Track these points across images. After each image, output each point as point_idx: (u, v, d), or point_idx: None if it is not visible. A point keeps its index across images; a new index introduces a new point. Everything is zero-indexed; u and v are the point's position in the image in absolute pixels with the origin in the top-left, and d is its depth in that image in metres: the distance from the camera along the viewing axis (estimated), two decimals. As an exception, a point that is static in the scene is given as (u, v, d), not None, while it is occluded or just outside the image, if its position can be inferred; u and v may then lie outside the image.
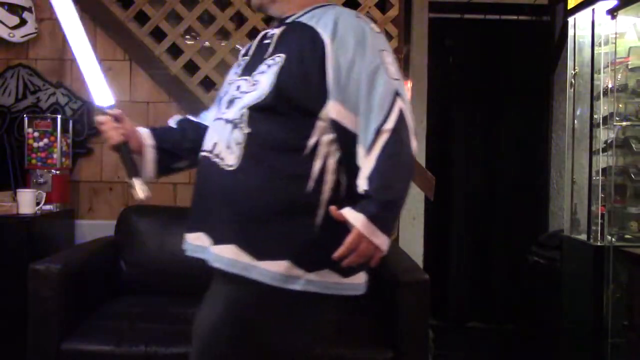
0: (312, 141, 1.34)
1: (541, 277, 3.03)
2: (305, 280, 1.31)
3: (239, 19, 3.18)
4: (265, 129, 1.35)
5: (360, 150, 1.32)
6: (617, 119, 2.51)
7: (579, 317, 2.57)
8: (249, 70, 1.46)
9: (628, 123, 2.56)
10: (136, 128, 1.57)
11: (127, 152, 1.52)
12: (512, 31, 3.74)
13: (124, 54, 3.10)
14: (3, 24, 2.97)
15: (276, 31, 1.46)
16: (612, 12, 2.43)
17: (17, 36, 3.01)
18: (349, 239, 1.26)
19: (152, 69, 3.09)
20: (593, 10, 2.53)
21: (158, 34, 3.11)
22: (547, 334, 2.98)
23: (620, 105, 2.57)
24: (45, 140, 2.86)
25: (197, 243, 1.45)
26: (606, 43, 2.53)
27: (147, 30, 3.09)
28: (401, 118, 1.30)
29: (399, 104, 1.31)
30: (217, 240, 1.38)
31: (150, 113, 3.11)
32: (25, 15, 3.01)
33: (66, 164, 2.95)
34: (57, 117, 2.88)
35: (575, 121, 2.79)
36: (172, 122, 1.64)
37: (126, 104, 3.11)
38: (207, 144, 1.44)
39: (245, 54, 1.56)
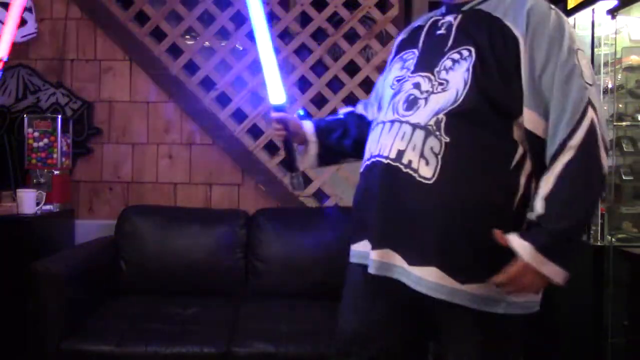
0: (519, 151, 1.23)
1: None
2: (506, 303, 1.23)
3: (239, 19, 3.18)
4: (467, 138, 1.22)
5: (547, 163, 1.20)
6: (611, 119, 2.51)
7: (579, 317, 2.57)
8: (426, 66, 1.32)
9: (628, 123, 2.55)
10: (300, 123, 1.58)
11: (291, 148, 1.59)
12: (512, 31, 3.74)
13: (124, 54, 3.10)
14: (3, 23, 2.97)
15: (451, 20, 1.32)
16: (612, 12, 2.42)
17: (17, 36, 3.01)
18: (512, 269, 1.17)
19: (152, 69, 3.09)
20: (593, 10, 2.53)
21: (158, 34, 3.11)
22: (547, 334, 2.98)
23: (620, 105, 2.57)
24: (45, 140, 2.86)
25: (385, 260, 1.30)
26: (606, 43, 2.53)
27: (147, 30, 3.09)
28: (591, 132, 1.16)
29: (590, 115, 1.17)
30: (414, 261, 1.25)
31: (150, 113, 3.11)
32: (25, 15, 3.01)
33: (66, 164, 2.95)
34: (57, 117, 2.88)
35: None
36: (341, 113, 1.63)
37: (126, 104, 3.11)
38: (385, 149, 1.30)
39: (406, 46, 1.42)
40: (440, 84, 1.27)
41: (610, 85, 2.50)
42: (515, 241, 1.18)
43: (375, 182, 1.31)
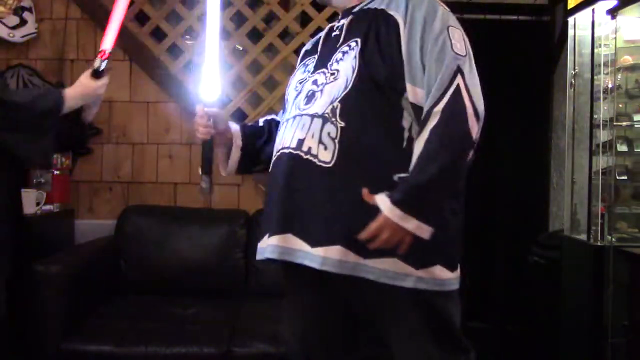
0: (405, 123, 1.30)
1: (541, 277, 3.03)
2: (415, 278, 1.27)
3: (239, 19, 3.18)
4: (360, 120, 1.30)
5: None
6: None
7: (579, 317, 2.57)
8: (322, 64, 1.42)
9: (628, 123, 2.56)
10: (230, 126, 1.58)
11: (209, 149, 1.58)
12: (512, 31, 3.73)
13: (124, 54, 3.10)
14: (3, 24, 2.97)
15: (344, 21, 1.43)
16: (612, 12, 2.42)
17: (17, 36, 3.01)
18: (374, 223, 1.22)
19: (152, 69, 3.09)
20: (593, 10, 2.53)
21: (158, 34, 3.11)
22: (547, 334, 2.98)
23: (620, 105, 2.57)
24: (45, 140, 2.86)
25: (286, 245, 1.34)
26: (606, 43, 2.53)
27: (147, 30, 3.09)
28: (456, 96, 1.24)
29: (457, 81, 1.25)
30: (317, 242, 1.29)
31: (150, 113, 3.11)
32: (25, 15, 3.01)
33: (66, 164, 2.95)
34: (57, 117, 2.87)
35: (575, 121, 2.79)
36: (261, 122, 1.64)
37: (126, 104, 3.11)
38: (287, 140, 1.37)
39: (309, 54, 1.52)
40: (332, 74, 1.36)
41: (610, 86, 2.50)
42: (379, 197, 1.23)
43: (279, 173, 1.37)
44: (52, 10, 3.11)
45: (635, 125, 2.56)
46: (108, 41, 1.75)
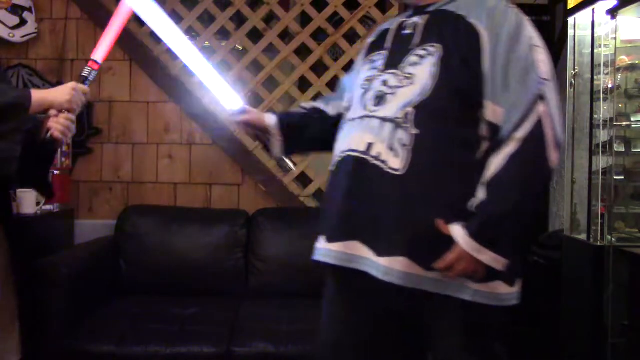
0: (480, 137, 1.27)
1: (541, 277, 3.03)
2: (474, 291, 1.26)
3: (239, 19, 3.18)
4: (436, 130, 1.26)
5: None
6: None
7: (579, 317, 2.57)
8: (393, 63, 1.36)
9: (627, 123, 2.56)
10: (263, 118, 1.58)
11: (262, 141, 1.64)
12: (512, 31, 3.74)
13: (124, 54, 3.10)
14: (3, 24, 2.97)
15: (418, 20, 1.37)
16: (612, 12, 2.42)
17: (17, 36, 3.01)
18: (450, 255, 1.21)
19: (152, 69, 3.09)
20: (593, 10, 2.53)
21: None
22: (547, 334, 2.98)
23: (620, 106, 2.57)
24: (45, 140, 2.86)
25: (350, 252, 1.32)
26: (606, 43, 2.53)
27: (147, 30, 3.09)
28: (538, 126, 1.20)
29: (539, 109, 1.21)
30: (382, 251, 1.27)
31: (150, 113, 3.11)
32: (25, 15, 3.01)
33: (66, 164, 2.95)
34: (57, 117, 2.87)
35: (575, 121, 2.79)
36: (300, 109, 1.64)
37: (126, 104, 3.11)
38: (354, 143, 1.33)
39: (375, 49, 1.46)
40: (407, 77, 1.31)
41: (610, 86, 2.50)
42: (454, 229, 1.22)
43: (344, 176, 1.33)
44: (52, 10, 3.11)
45: (635, 126, 2.56)
46: (101, 53, 1.66)
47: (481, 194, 1.23)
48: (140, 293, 2.67)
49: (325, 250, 1.37)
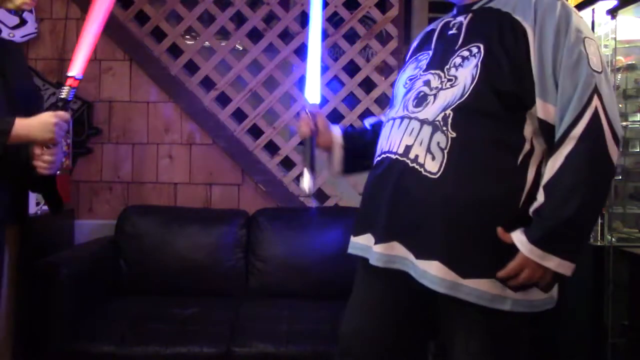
0: (527, 144, 1.23)
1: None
2: (512, 300, 1.22)
3: (239, 19, 3.18)
4: (474, 133, 1.23)
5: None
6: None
7: (579, 317, 2.57)
8: (436, 64, 1.34)
9: (627, 123, 2.56)
10: (330, 127, 1.58)
11: (310, 146, 1.55)
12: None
13: (124, 54, 3.10)
14: (3, 24, 2.97)
15: (462, 19, 1.35)
16: (612, 12, 2.42)
17: (17, 36, 3.01)
18: (512, 263, 1.19)
19: (152, 69, 3.09)
20: (593, 10, 2.52)
21: (158, 34, 3.11)
22: (547, 334, 2.98)
23: (621, 106, 2.57)
24: (45, 140, 2.86)
25: (392, 253, 1.30)
26: (606, 43, 2.53)
27: (147, 30, 3.09)
28: (595, 121, 1.16)
29: (594, 103, 1.16)
30: (419, 254, 1.26)
31: (150, 113, 3.11)
32: (25, 15, 3.01)
33: (66, 164, 2.95)
34: (57, 117, 2.87)
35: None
36: (367, 124, 1.62)
37: (126, 104, 3.11)
38: (394, 144, 1.32)
39: (421, 49, 1.44)
40: (449, 80, 1.28)
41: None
42: (516, 236, 1.19)
43: (383, 177, 1.33)
44: (52, 10, 3.11)
45: (632, 126, 2.56)
46: (78, 67, 1.58)
47: (540, 197, 1.19)
48: (140, 293, 2.67)
49: (365, 246, 1.37)
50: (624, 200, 2.54)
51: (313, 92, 1.61)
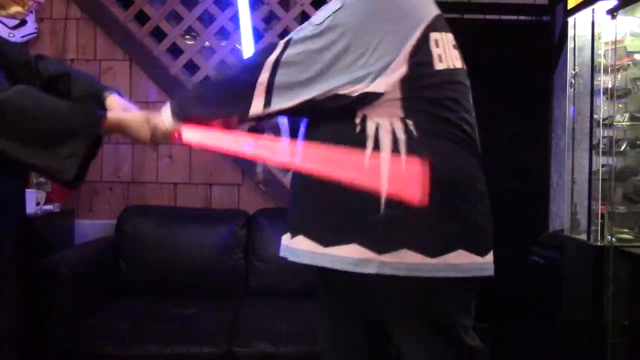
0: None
1: (541, 277, 3.03)
2: (378, 263, 1.23)
3: (239, 19, 3.18)
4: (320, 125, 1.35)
5: None
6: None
7: (579, 317, 2.57)
8: None
9: (627, 123, 2.56)
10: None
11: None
12: (512, 31, 3.74)
13: (124, 54, 3.10)
14: (3, 24, 2.97)
15: None
16: (612, 12, 2.42)
17: (17, 36, 3.01)
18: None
19: (152, 69, 3.09)
20: (593, 10, 2.52)
21: (158, 34, 3.11)
22: (547, 334, 2.98)
23: (620, 106, 2.57)
24: (45, 140, 2.85)
25: (284, 242, 1.42)
26: (606, 43, 2.53)
27: (147, 30, 3.09)
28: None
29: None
30: (293, 235, 1.36)
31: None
32: (25, 15, 3.01)
33: (66, 164, 2.95)
34: (57, 117, 2.87)
35: (575, 121, 2.79)
36: None
37: (126, 104, 3.11)
38: None
39: None
40: None
41: (610, 86, 2.50)
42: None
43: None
44: (52, 10, 3.11)
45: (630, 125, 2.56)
46: None
47: None
48: (140, 293, 2.67)
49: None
50: (624, 200, 2.55)
51: None
